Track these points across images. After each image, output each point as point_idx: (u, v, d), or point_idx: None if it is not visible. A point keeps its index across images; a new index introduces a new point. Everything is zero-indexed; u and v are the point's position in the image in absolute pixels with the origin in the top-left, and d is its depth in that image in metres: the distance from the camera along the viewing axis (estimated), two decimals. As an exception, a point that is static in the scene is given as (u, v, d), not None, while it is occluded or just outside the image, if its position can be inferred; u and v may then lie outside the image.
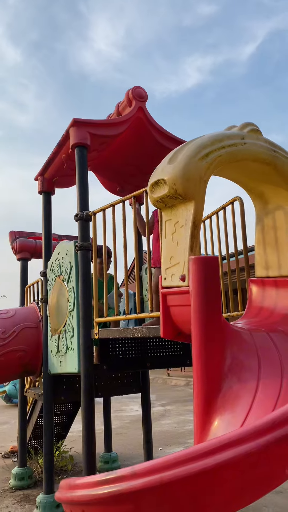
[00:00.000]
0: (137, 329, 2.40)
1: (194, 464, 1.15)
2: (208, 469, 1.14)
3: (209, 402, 1.62)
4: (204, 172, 1.80)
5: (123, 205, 2.59)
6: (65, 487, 1.45)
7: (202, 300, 1.71)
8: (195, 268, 1.74)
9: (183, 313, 1.85)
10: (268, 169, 2.01)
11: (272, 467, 1.20)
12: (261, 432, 1.16)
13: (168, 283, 1.94)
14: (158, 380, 14.43)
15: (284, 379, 1.64)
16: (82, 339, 2.86)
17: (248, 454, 1.13)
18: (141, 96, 3.25)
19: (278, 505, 3.24)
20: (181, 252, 1.87)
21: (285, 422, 1.17)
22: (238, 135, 1.93)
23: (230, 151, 1.86)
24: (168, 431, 6.37)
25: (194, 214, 1.81)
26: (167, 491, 1.18)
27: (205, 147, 1.82)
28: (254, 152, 1.93)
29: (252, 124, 2.00)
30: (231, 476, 1.17)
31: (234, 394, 1.60)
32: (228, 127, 2.08)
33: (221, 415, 1.57)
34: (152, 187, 1.92)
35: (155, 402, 9.61)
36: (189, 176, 1.76)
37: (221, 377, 1.66)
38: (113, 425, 6.82)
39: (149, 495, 1.19)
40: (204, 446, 1.18)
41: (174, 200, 1.85)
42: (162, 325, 1.99)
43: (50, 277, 3.63)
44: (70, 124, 3.08)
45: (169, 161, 1.86)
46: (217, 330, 1.72)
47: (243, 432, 1.18)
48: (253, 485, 1.22)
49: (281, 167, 2.00)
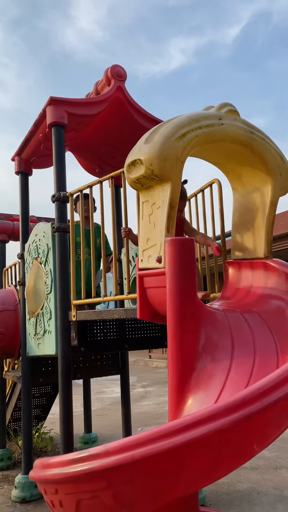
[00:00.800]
0: (114, 311, 2.40)
1: (165, 441, 1.17)
2: (179, 446, 1.15)
3: (183, 381, 1.64)
4: (181, 153, 1.78)
5: (101, 186, 2.56)
6: (39, 466, 1.46)
7: (178, 281, 1.71)
8: (171, 250, 1.74)
9: (159, 294, 1.85)
10: (245, 151, 2.00)
11: (241, 444, 1.23)
12: (231, 410, 1.18)
13: (145, 264, 1.94)
14: (139, 362, 14.58)
15: (257, 358, 1.66)
16: (59, 322, 2.85)
17: (218, 431, 1.15)
18: (120, 75, 3.19)
19: (251, 481, 3.35)
20: (158, 233, 1.86)
21: (254, 400, 1.19)
22: (216, 116, 1.91)
23: (207, 132, 1.85)
24: (148, 412, 6.46)
25: (171, 195, 1.80)
26: (139, 468, 1.20)
27: (182, 127, 1.80)
28: (231, 133, 1.92)
29: (230, 105, 1.98)
30: (202, 453, 1.19)
31: (208, 373, 1.62)
32: (206, 107, 2.06)
33: (195, 393, 1.59)
34: (128, 167, 1.90)
35: (136, 384, 9.73)
36: (165, 156, 1.74)
37: (195, 356, 1.68)
38: (94, 406, 6.88)
39: (121, 472, 1.20)
40: (175, 424, 1.20)
41: (151, 181, 1.83)
42: (139, 307, 2.00)
43: (27, 260, 3.58)
44: (47, 103, 3.00)
45: (145, 141, 1.84)
46: (192, 311, 1.73)
47: (213, 409, 1.20)
48: (223, 460, 1.25)
49: (257, 149, 1.99)
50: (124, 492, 1.24)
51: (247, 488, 3.20)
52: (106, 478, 1.23)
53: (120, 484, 1.23)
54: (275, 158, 2.04)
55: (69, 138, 3.39)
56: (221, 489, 3.19)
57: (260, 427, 1.22)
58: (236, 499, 3.00)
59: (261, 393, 1.19)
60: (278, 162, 2.05)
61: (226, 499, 3.01)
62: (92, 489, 1.27)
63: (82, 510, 1.34)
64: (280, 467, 3.64)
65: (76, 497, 1.33)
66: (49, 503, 1.47)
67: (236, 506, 2.88)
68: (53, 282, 3.03)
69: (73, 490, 1.33)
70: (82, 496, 1.31)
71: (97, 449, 1.25)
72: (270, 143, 2.04)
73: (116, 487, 1.23)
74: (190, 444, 1.15)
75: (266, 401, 1.18)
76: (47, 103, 3.00)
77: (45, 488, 1.43)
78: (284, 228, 9.85)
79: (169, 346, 1.71)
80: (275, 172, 2.05)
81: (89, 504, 1.31)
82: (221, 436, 1.16)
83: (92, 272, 2.74)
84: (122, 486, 1.23)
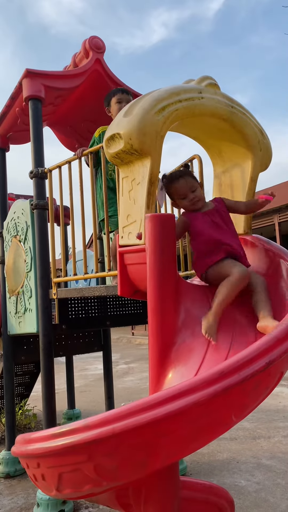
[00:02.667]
0: (95, 288, 2.40)
1: (145, 414, 1.19)
2: (158, 418, 1.17)
3: (163, 356, 1.65)
4: (161, 127, 1.75)
5: (80, 162, 2.51)
6: (20, 441, 1.47)
7: (158, 257, 1.71)
8: (151, 226, 1.73)
9: (140, 271, 1.85)
10: (225, 126, 1.98)
11: (220, 415, 1.25)
12: (209, 382, 1.20)
13: (125, 241, 1.92)
14: (122, 339, 14.72)
15: (236, 332, 1.69)
16: (40, 300, 2.83)
17: (196, 403, 1.17)
18: (99, 47, 3.09)
19: (231, 450, 3.46)
20: (138, 210, 1.84)
21: (232, 372, 1.21)
22: (196, 89, 1.88)
23: (187, 105, 1.81)
24: (131, 388, 6.56)
25: (151, 171, 1.78)
26: (119, 441, 1.22)
27: (161, 101, 1.76)
28: (212, 107, 1.89)
29: (210, 78, 1.95)
30: (181, 424, 1.21)
31: (188, 347, 1.64)
32: (186, 80, 2.02)
33: (175, 367, 1.61)
34: (107, 142, 1.86)
35: (119, 360, 9.84)
36: (145, 130, 1.71)
37: (175, 331, 1.70)
38: (78, 383, 6.95)
39: (101, 445, 1.22)
40: (154, 397, 1.21)
41: (130, 156, 1.80)
42: (119, 284, 1.99)
43: (6, 238, 3.53)
44: (23, 75, 2.90)
45: (124, 114, 1.80)
46: (172, 287, 1.74)
47: (192, 382, 1.21)
48: (202, 431, 1.27)
49: (238, 124, 1.97)
50: (105, 465, 1.26)
51: (227, 457, 3.31)
52: (87, 451, 1.24)
53: (100, 457, 1.25)
54: (255, 133, 2.02)
55: (47, 112, 3.30)
56: (202, 459, 3.29)
57: (238, 398, 1.24)
58: (216, 468, 3.10)
59: (239, 366, 1.21)
60: (258, 137, 2.04)
61: (207, 469, 3.11)
62: (73, 462, 1.28)
63: (64, 483, 1.36)
64: (258, 437, 3.76)
65: (57, 470, 1.35)
66: (31, 477, 1.49)
67: (216, 475, 2.98)
68: (33, 260, 3.00)
69: (54, 464, 1.34)
70: (63, 469, 1.33)
71: (77, 424, 1.26)
72: (250, 118, 2.02)
73: (96, 459, 1.25)
74: (170, 417, 1.17)
75: (243, 373, 1.20)
76: (23, 75, 2.90)
77: (27, 462, 1.44)
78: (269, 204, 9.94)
79: (150, 322, 1.72)
80: (255, 148, 2.04)
81: (70, 477, 1.33)
82: (199, 408, 1.18)
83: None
84: (103, 458, 1.25)
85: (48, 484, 1.41)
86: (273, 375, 1.31)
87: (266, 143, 2.08)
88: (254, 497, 2.58)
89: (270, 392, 1.35)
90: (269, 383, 1.32)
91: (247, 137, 2.01)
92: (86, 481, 1.32)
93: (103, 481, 1.31)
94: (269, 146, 2.10)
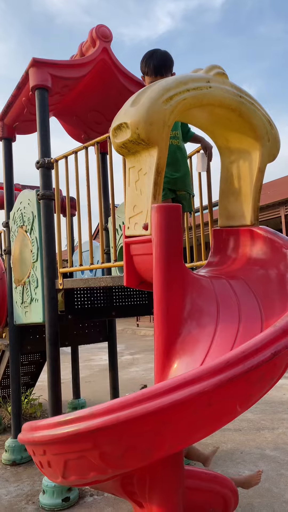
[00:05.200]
0: (101, 279, 2.40)
1: (150, 403, 1.19)
2: (163, 407, 1.18)
3: (168, 346, 1.66)
4: (168, 116, 1.73)
5: (86, 152, 2.50)
6: (27, 429, 1.49)
7: (164, 248, 1.71)
8: (157, 216, 1.73)
9: (146, 261, 1.85)
10: (233, 116, 1.96)
11: (224, 405, 1.26)
12: (215, 372, 1.20)
13: (131, 232, 1.92)
14: (127, 330, 14.78)
15: (241, 324, 1.69)
16: (46, 290, 2.84)
17: (201, 392, 1.17)
18: (106, 36, 3.06)
19: (235, 441, 3.48)
20: (144, 200, 1.84)
21: (237, 363, 1.21)
22: (204, 78, 1.86)
23: (195, 95, 1.79)
24: (135, 378, 6.60)
25: (158, 161, 1.77)
26: (124, 429, 1.23)
27: (169, 90, 1.74)
28: (220, 97, 1.87)
29: (218, 67, 1.92)
30: (185, 414, 1.21)
31: (193, 338, 1.65)
32: (194, 69, 1.99)
33: (180, 358, 1.61)
34: (114, 131, 1.85)
35: (124, 351, 9.89)
36: (152, 120, 1.70)
37: (181, 322, 1.70)
38: (83, 373, 7.01)
39: (106, 433, 1.23)
40: (159, 387, 1.22)
41: (137, 145, 1.79)
42: (125, 274, 2.00)
43: (12, 228, 3.53)
44: (30, 64, 2.88)
45: (131, 103, 1.78)
46: (178, 277, 1.74)
47: (197, 372, 1.22)
48: (207, 421, 1.28)
49: (246, 114, 1.95)
50: (110, 452, 1.27)
51: (231, 448, 3.32)
52: (92, 439, 1.25)
53: (105, 445, 1.26)
54: (263, 124, 2.00)
55: (53, 102, 3.29)
56: (206, 450, 3.30)
57: (243, 389, 1.25)
58: (220, 459, 3.12)
59: (244, 356, 1.22)
60: (266, 128, 2.01)
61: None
62: (79, 449, 1.30)
63: (69, 470, 1.38)
64: (262, 428, 3.78)
65: (63, 458, 1.36)
66: (37, 464, 1.51)
67: (220, 465, 3.00)
68: (39, 250, 3.00)
69: (60, 451, 1.36)
70: (69, 456, 1.34)
71: (83, 412, 1.27)
72: (259, 108, 2.00)
73: (102, 447, 1.26)
74: (174, 406, 1.18)
75: (248, 364, 1.20)
76: (29, 64, 2.88)
77: (33, 449, 1.46)
78: (272, 197, 9.86)
79: (155, 312, 1.72)
80: (263, 138, 2.02)
81: (76, 464, 1.35)
82: (204, 398, 1.19)
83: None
84: (108, 446, 1.26)
85: (54, 471, 1.43)
86: (279, 366, 1.31)
87: (275, 134, 2.06)
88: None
89: (275, 383, 1.36)
90: (274, 374, 1.31)
91: (255, 128, 1.99)
92: (91, 469, 1.33)
93: (108, 468, 1.32)
94: (277, 137, 2.08)
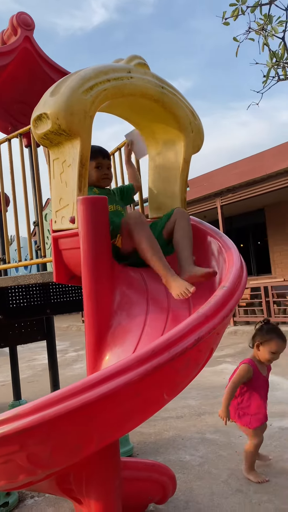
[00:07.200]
0: (31, 276, 2.33)
1: (76, 399, 1.17)
2: (90, 402, 1.16)
3: (100, 339, 1.65)
4: (89, 107, 1.70)
5: (9, 144, 2.40)
6: None
7: (90, 241, 1.69)
8: (83, 209, 1.70)
9: (75, 256, 1.82)
10: (156, 107, 1.97)
11: (152, 394, 1.27)
12: (140, 362, 1.21)
13: (59, 226, 1.88)
14: (72, 327, 14.58)
15: (170, 312, 1.71)
16: (-25, 290, 2.71)
17: (127, 384, 1.17)
18: (27, 24, 2.95)
19: (177, 428, 3.55)
20: (70, 193, 1.80)
21: (163, 351, 1.22)
22: (124, 68, 1.84)
23: (116, 85, 1.78)
24: (80, 375, 6.53)
25: (81, 152, 1.73)
26: (51, 428, 1.20)
27: (89, 80, 1.71)
28: (142, 87, 1.87)
29: (139, 57, 1.92)
30: (113, 406, 1.21)
31: (124, 329, 1.64)
32: (116, 59, 1.97)
33: (112, 349, 1.61)
34: (35, 122, 1.79)
35: (69, 348, 9.75)
36: (72, 110, 1.66)
37: (111, 314, 1.69)
38: (25, 374, 6.81)
39: (32, 433, 1.19)
40: (85, 381, 1.20)
41: (59, 136, 1.75)
42: (55, 270, 1.95)
43: None
44: None
45: (51, 93, 1.73)
46: (107, 270, 1.72)
47: (123, 363, 1.21)
48: (135, 411, 1.28)
49: (169, 104, 1.96)
50: (38, 453, 1.24)
51: (172, 435, 3.39)
52: (19, 440, 1.21)
53: (33, 446, 1.23)
54: (186, 115, 2.03)
55: (-25, 93, 3.13)
56: (148, 439, 3.35)
57: (169, 376, 1.26)
58: (162, 446, 3.17)
59: (168, 344, 1.23)
60: (189, 118, 2.05)
61: (153, 448, 3.17)
62: (5, 453, 1.25)
63: (-3, 475, 1.33)
64: (203, 413, 3.88)
65: (-11, 463, 1.31)
66: None
67: (162, 452, 3.05)
68: None
69: (-15, 456, 1.30)
70: (-5, 461, 1.29)
71: (7, 414, 1.23)
72: (181, 99, 2.02)
73: (29, 448, 1.23)
74: (101, 399, 1.17)
75: (173, 351, 1.22)
76: None
77: None
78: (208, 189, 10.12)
79: (85, 306, 1.70)
80: (187, 129, 2.05)
81: (3, 468, 1.30)
82: (130, 389, 1.19)
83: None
84: (35, 447, 1.23)
85: (-19, 478, 1.37)
86: (203, 351, 1.34)
87: (198, 125, 2.10)
88: (197, 470, 2.67)
89: (201, 369, 1.39)
90: (199, 359, 1.35)
91: (178, 119, 2.02)
92: (20, 471, 1.29)
93: (37, 469, 1.29)
94: (200, 128, 2.11)
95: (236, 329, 9.03)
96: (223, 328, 1.44)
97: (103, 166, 2.13)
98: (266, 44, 3.23)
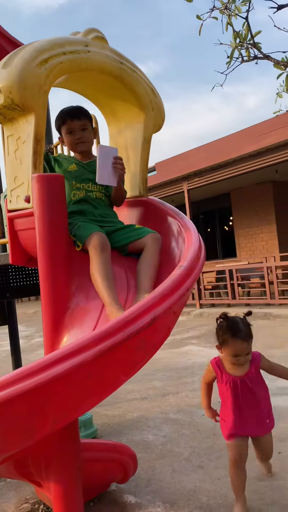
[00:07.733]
0: (-14, 258, 2.25)
1: (28, 381, 1.14)
2: (42, 383, 1.14)
3: (57, 321, 1.61)
4: (44, 80, 1.63)
5: None
6: None
7: (46, 221, 1.63)
8: (38, 187, 1.64)
9: (31, 237, 1.76)
10: (115, 83, 1.91)
11: (106, 375, 1.25)
12: (94, 343, 1.18)
13: (14, 206, 1.81)
14: (39, 313, 14.42)
15: (130, 293, 1.69)
16: None
17: (80, 365, 1.15)
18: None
19: (141, 409, 3.58)
20: (25, 171, 1.73)
21: (117, 331, 1.20)
22: (82, 42, 1.77)
23: (73, 58, 1.71)
24: (46, 359, 6.47)
25: (35, 128, 1.66)
26: (5, 410, 1.16)
27: (43, 52, 1.63)
28: (99, 62, 1.80)
29: (97, 31, 1.85)
30: (66, 388, 1.19)
31: (82, 310, 1.62)
32: (73, 32, 1.89)
33: (69, 331, 1.58)
34: (-14, 96, 1.70)
35: (35, 334, 9.63)
36: (26, 83, 1.58)
37: (69, 296, 1.66)
38: (-12, 360, 6.70)
39: (-17, 417, 1.16)
40: (38, 363, 1.17)
41: (13, 111, 1.67)
42: (10, 251, 1.89)
43: None
44: None
45: (3, 65, 1.64)
46: (63, 251, 1.68)
47: (77, 344, 1.19)
48: (90, 392, 1.27)
49: (128, 81, 1.91)
50: (-11, 437, 1.20)
51: (137, 416, 3.42)
52: None
53: (-16, 430, 1.19)
54: (146, 92, 1.98)
55: None
56: (112, 421, 3.37)
57: (124, 357, 1.25)
58: (126, 428, 3.19)
59: (123, 324, 1.21)
60: (150, 96, 2.00)
61: (117, 429, 3.19)
62: None
63: None
64: (167, 394, 3.94)
65: None
66: None
67: (125, 434, 3.07)
68: None
69: None
70: None
71: None
72: (141, 76, 1.97)
73: (-20, 433, 1.19)
74: (53, 381, 1.14)
75: (128, 331, 1.20)
76: None
77: None
78: (175, 172, 10.11)
79: (42, 289, 1.66)
80: (147, 107, 2.01)
81: None
82: (85, 369, 1.17)
83: None
84: (-14, 431, 1.19)
85: None
86: (160, 331, 1.33)
87: (158, 103, 2.06)
88: (160, 449, 2.71)
89: (158, 348, 1.38)
90: (156, 339, 1.34)
91: (138, 96, 1.97)
92: (-28, 457, 1.26)
93: (-10, 454, 1.26)
94: (161, 106, 2.08)
95: (201, 312, 9.17)
96: (181, 308, 1.43)
97: (75, 130, 1.95)
98: (230, 23, 3.20)
